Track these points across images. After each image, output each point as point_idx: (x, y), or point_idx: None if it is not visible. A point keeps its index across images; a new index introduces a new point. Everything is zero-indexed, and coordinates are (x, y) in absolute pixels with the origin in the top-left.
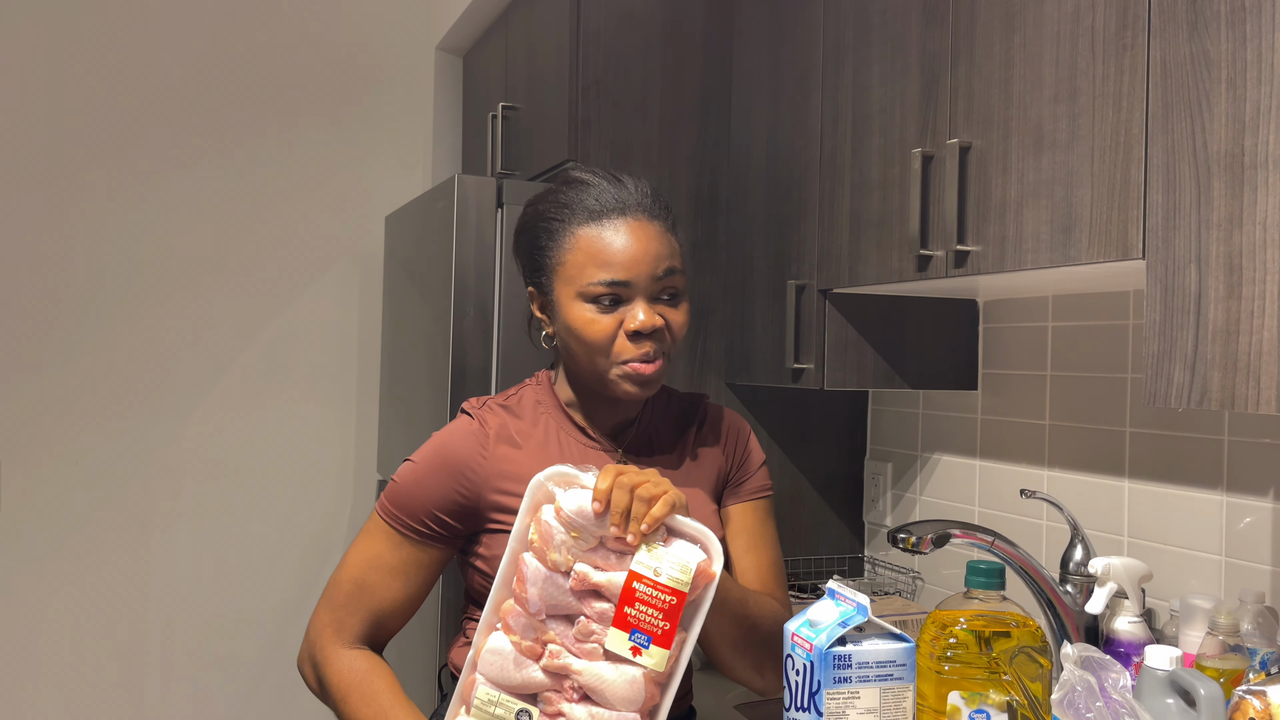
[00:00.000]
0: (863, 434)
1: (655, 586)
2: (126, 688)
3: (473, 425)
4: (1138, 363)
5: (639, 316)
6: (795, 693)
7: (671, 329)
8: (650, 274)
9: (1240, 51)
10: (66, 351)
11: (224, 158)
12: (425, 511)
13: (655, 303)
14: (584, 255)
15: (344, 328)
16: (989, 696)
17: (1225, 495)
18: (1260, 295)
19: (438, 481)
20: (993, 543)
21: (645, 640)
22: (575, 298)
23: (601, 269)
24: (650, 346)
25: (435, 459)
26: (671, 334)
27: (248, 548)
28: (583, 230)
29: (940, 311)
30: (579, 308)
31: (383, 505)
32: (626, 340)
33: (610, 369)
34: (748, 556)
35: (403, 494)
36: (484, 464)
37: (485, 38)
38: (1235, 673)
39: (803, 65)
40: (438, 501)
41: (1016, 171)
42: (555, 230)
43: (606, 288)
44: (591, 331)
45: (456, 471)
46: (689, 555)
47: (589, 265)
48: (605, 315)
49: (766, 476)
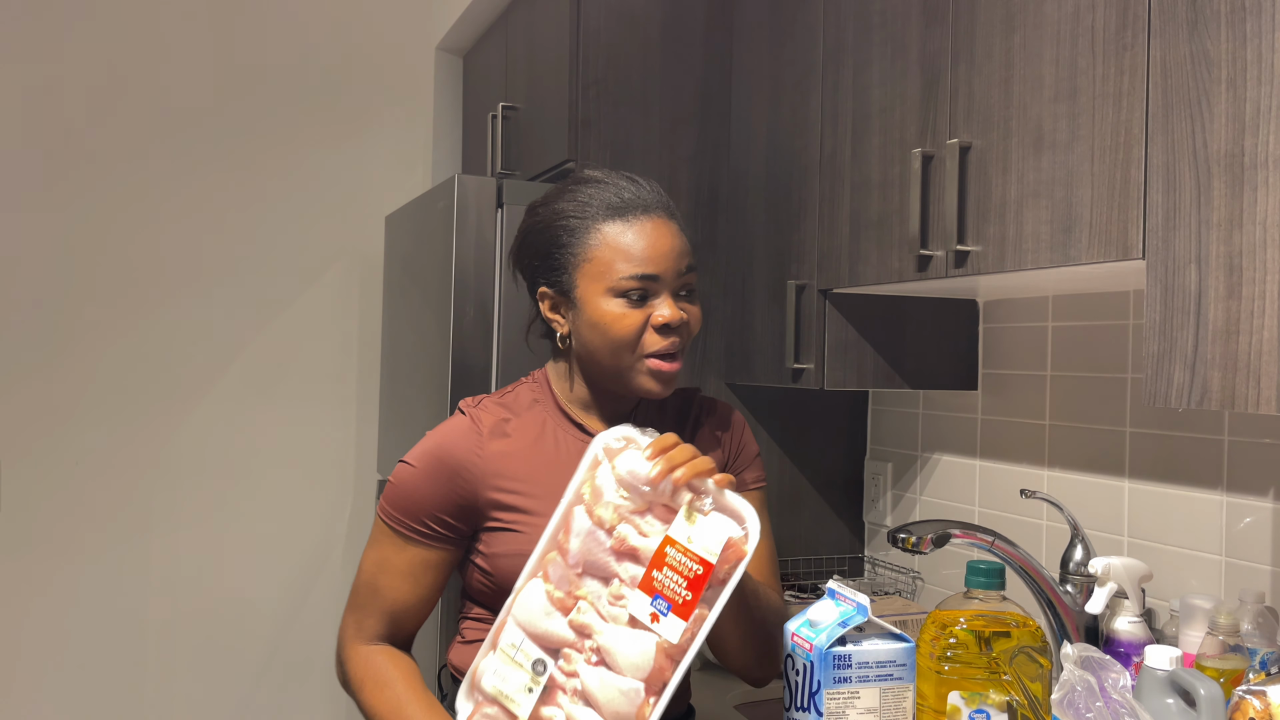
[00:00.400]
0: (863, 434)
1: (686, 554)
2: (127, 687)
3: (467, 423)
4: (1138, 363)
5: (666, 310)
6: (795, 692)
7: (690, 325)
8: (675, 269)
9: (1240, 51)
10: (67, 352)
11: (224, 158)
12: (426, 513)
13: (676, 299)
14: (611, 250)
15: (344, 328)
16: (989, 696)
17: (1225, 495)
18: (1260, 295)
19: (435, 483)
20: (993, 543)
21: (665, 608)
22: (604, 293)
23: (631, 263)
24: (676, 340)
25: (431, 461)
26: (689, 331)
27: (248, 547)
28: (608, 226)
29: (940, 311)
30: (607, 303)
31: (383, 509)
32: (654, 334)
33: (635, 364)
34: None
35: (401, 497)
36: (479, 462)
37: (485, 38)
38: (1235, 673)
39: (803, 65)
40: (438, 503)
41: (1016, 171)
42: (576, 228)
43: (638, 282)
44: (621, 326)
45: (453, 472)
46: (724, 528)
47: (618, 260)
48: (634, 310)
49: (761, 468)
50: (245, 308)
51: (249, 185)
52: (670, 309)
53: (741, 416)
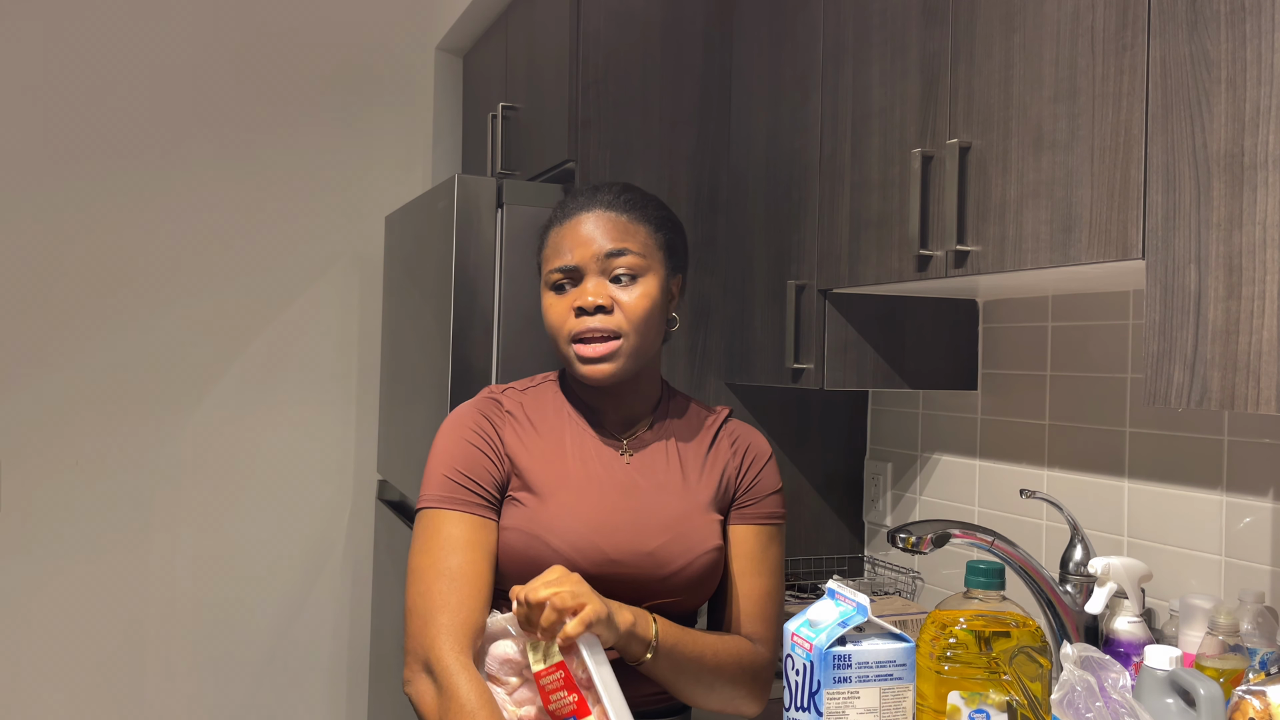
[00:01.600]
0: (863, 434)
1: (546, 673)
2: (126, 687)
3: (487, 399)
4: (1138, 363)
5: (583, 291)
6: (795, 693)
7: (622, 308)
8: (594, 253)
9: (1240, 51)
10: (67, 351)
11: (224, 158)
12: (474, 472)
13: (608, 284)
14: (549, 250)
15: (344, 328)
16: (989, 696)
17: (1225, 495)
18: (1260, 295)
19: (471, 444)
20: (993, 543)
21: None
22: (543, 288)
23: (556, 258)
24: (591, 323)
25: (460, 428)
26: (624, 314)
27: (248, 547)
28: (552, 231)
29: (940, 311)
30: (544, 297)
31: (429, 498)
32: (573, 317)
33: (567, 349)
34: (741, 581)
35: (445, 470)
36: (504, 429)
37: (485, 38)
38: (1235, 673)
39: (803, 65)
40: (481, 459)
41: (1016, 171)
42: (540, 236)
43: (560, 274)
44: (550, 316)
45: (483, 428)
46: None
47: (550, 257)
48: (560, 300)
49: (779, 505)
50: (245, 308)
51: (249, 185)
52: (591, 290)
53: (769, 448)
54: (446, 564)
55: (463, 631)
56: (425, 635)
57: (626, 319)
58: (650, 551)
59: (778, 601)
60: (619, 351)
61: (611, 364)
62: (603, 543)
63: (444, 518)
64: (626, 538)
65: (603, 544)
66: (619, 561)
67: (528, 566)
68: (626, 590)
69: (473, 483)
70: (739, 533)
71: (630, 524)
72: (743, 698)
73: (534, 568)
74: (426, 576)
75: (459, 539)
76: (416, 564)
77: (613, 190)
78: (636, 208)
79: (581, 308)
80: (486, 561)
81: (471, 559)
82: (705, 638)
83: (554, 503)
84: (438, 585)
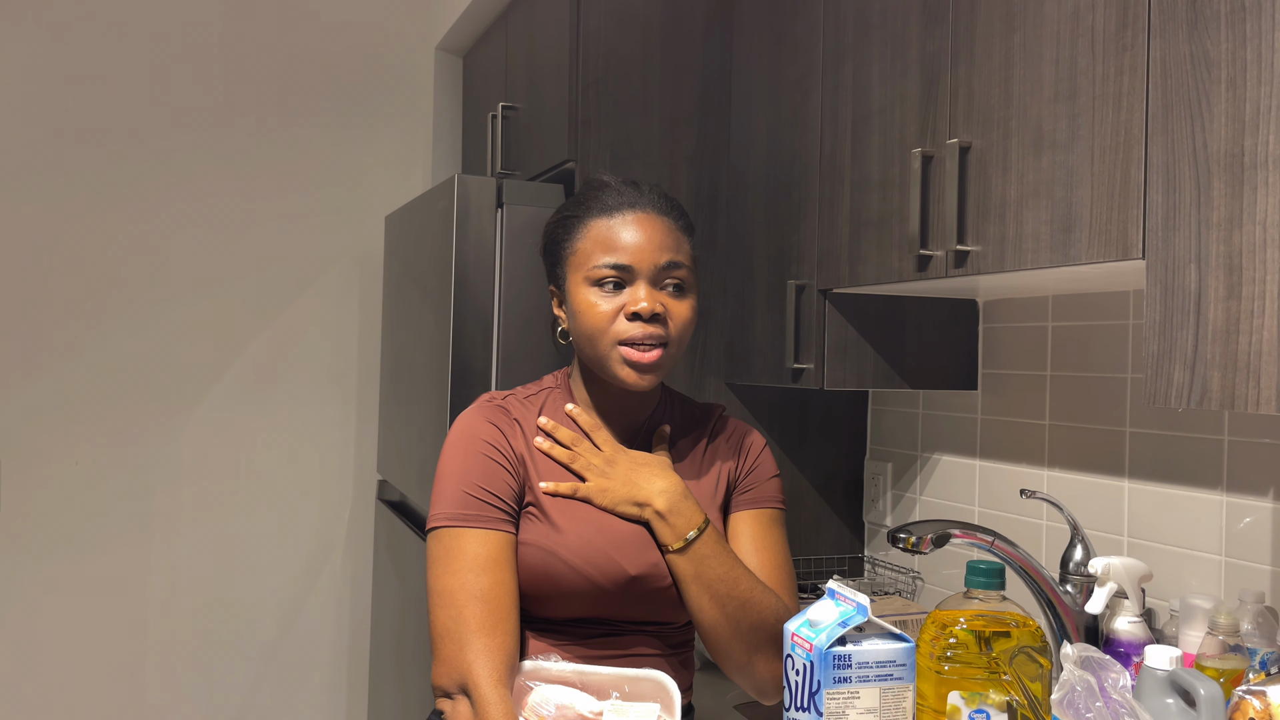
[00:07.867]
0: (863, 434)
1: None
2: (127, 687)
3: (495, 407)
4: (1138, 363)
5: (639, 297)
6: (795, 692)
7: (673, 319)
8: (653, 261)
9: (1240, 51)
10: (67, 352)
11: (224, 158)
12: (493, 486)
13: (659, 292)
14: (592, 243)
15: (344, 328)
16: (989, 696)
17: (1225, 495)
18: (1260, 295)
19: (486, 456)
20: (993, 543)
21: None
22: (583, 282)
23: (606, 253)
24: (647, 329)
25: (472, 440)
26: (673, 326)
27: (248, 548)
28: (595, 221)
29: (940, 311)
30: (585, 292)
31: (449, 516)
32: (625, 321)
33: (610, 351)
34: (751, 559)
35: (462, 485)
36: (515, 440)
37: (485, 38)
38: (1235, 673)
39: (803, 65)
40: (498, 471)
41: (1016, 171)
42: (571, 224)
43: (610, 270)
44: (594, 313)
45: (496, 440)
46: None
47: (596, 250)
48: (608, 299)
49: (777, 491)
50: (245, 308)
51: (249, 185)
52: (645, 296)
53: (763, 440)
54: (478, 585)
55: (500, 657)
56: (462, 660)
57: (675, 330)
58: (657, 561)
59: (790, 574)
60: (664, 361)
61: (656, 373)
62: (618, 555)
63: (467, 536)
64: (638, 549)
65: (618, 557)
66: (637, 578)
67: (545, 583)
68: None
69: (493, 496)
70: (741, 519)
71: (642, 534)
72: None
73: (550, 584)
74: (458, 600)
75: (485, 558)
76: (443, 586)
77: (656, 191)
78: (682, 216)
79: (639, 314)
80: (514, 579)
81: (501, 579)
82: (745, 569)
83: (569, 519)
84: (471, 609)
